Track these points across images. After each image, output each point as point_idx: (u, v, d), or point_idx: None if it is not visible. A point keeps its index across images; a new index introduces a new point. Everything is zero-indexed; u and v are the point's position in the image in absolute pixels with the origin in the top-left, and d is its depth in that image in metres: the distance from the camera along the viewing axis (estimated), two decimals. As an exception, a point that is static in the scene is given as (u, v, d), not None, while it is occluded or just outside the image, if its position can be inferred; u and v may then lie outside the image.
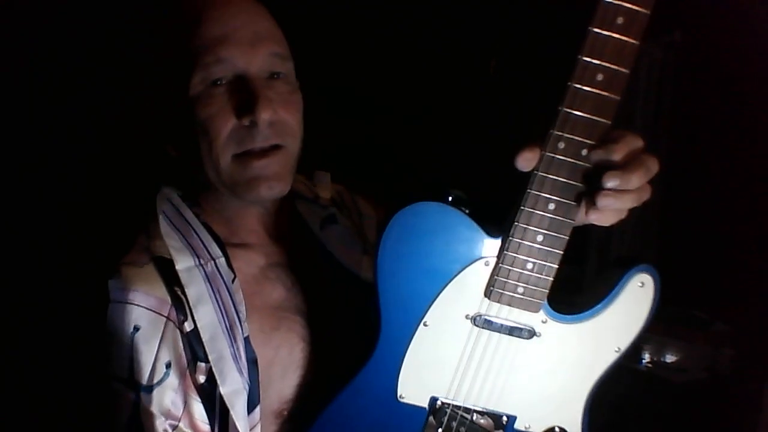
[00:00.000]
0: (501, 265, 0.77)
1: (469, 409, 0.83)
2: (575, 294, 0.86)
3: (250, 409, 0.83)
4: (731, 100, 1.78)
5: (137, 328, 0.81)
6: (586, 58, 0.68)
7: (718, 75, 1.74)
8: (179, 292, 0.83)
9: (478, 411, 0.83)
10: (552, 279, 0.77)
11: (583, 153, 0.71)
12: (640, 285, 0.80)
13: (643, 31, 0.68)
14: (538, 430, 0.84)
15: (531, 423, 0.84)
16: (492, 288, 0.78)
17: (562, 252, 0.76)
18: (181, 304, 0.82)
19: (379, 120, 1.51)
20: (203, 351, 0.82)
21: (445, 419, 0.83)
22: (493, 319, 0.79)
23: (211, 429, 0.82)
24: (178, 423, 0.80)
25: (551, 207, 0.73)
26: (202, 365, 0.82)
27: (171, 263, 0.84)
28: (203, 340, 0.82)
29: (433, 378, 0.82)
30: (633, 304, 0.80)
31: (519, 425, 0.84)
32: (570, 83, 0.69)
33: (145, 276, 0.83)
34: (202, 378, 0.82)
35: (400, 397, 0.82)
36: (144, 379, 0.80)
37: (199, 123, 0.84)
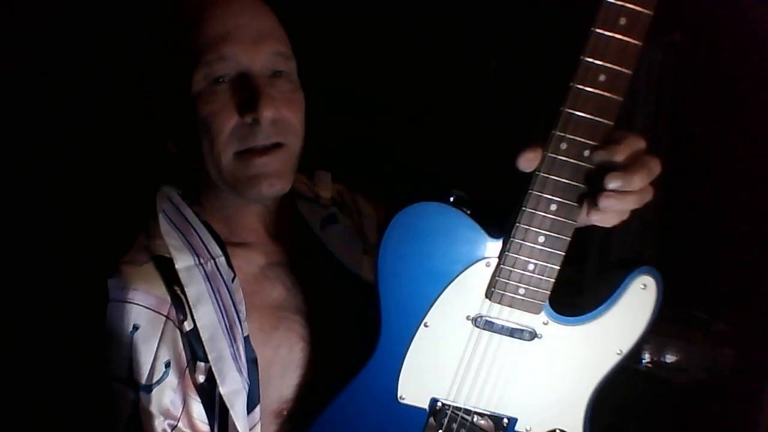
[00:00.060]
0: (502, 266, 0.77)
1: (469, 410, 0.83)
2: (575, 294, 0.86)
3: (250, 409, 0.83)
4: (731, 100, 1.78)
5: (136, 327, 0.81)
6: (589, 59, 0.68)
7: (718, 75, 1.75)
8: (179, 292, 0.83)
9: (479, 413, 0.83)
10: (553, 280, 0.77)
11: (585, 154, 0.72)
12: (643, 287, 0.80)
13: (646, 32, 0.68)
14: (538, 432, 0.84)
15: (532, 425, 0.84)
16: (493, 289, 0.78)
17: (563, 253, 0.76)
18: (180, 304, 0.83)
19: (379, 120, 1.52)
20: (203, 350, 0.82)
21: (445, 421, 0.83)
22: (494, 321, 0.80)
23: (211, 429, 0.83)
24: (177, 423, 0.81)
25: (553, 208, 0.74)
26: (202, 365, 0.82)
27: (171, 262, 0.85)
28: (203, 339, 0.82)
29: (434, 379, 0.82)
30: (635, 306, 0.80)
31: (520, 427, 0.84)
32: (572, 84, 0.69)
33: (145, 275, 0.83)
34: (201, 378, 0.82)
35: (401, 398, 0.82)
36: (143, 379, 0.80)
37: (201, 120, 0.84)
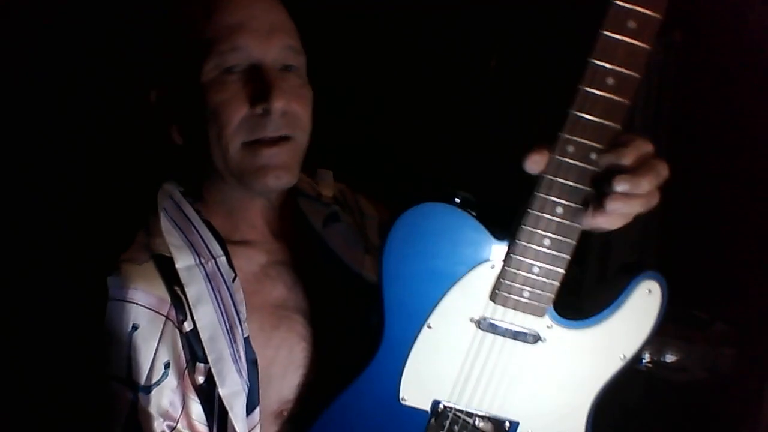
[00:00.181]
0: (507, 268, 0.77)
1: (471, 413, 0.84)
2: (575, 294, 0.87)
3: (249, 411, 0.84)
4: (731, 100, 1.80)
5: (136, 327, 0.81)
6: (597, 61, 0.69)
7: (718, 75, 1.76)
8: (179, 291, 0.84)
9: (481, 416, 0.84)
10: (558, 283, 0.78)
11: (592, 157, 0.72)
12: (648, 292, 0.81)
13: (655, 36, 0.69)
14: (540, 437, 0.85)
15: (534, 429, 0.85)
16: (497, 291, 0.79)
17: (569, 256, 0.77)
18: (180, 304, 0.83)
19: (379, 119, 1.52)
20: (202, 351, 0.83)
21: (446, 423, 0.84)
22: (498, 323, 0.80)
23: (209, 430, 0.83)
24: (176, 424, 0.81)
25: (559, 210, 0.74)
26: (201, 366, 0.83)
27: (171, 261, 0.85)
28: (203, 340, 0.83)
29: (436, 381, 0.83)
30: (640, 311, 0.81)
31: (522, 431, 0.85)
32: (580, 86, 0.70)
33: (145, 274, 0.84)
34: (201, 379, 0.83)
35: (402, 399, 0.83)
36: (142, 379, 0.81)
37: (210, 109, 0.85)
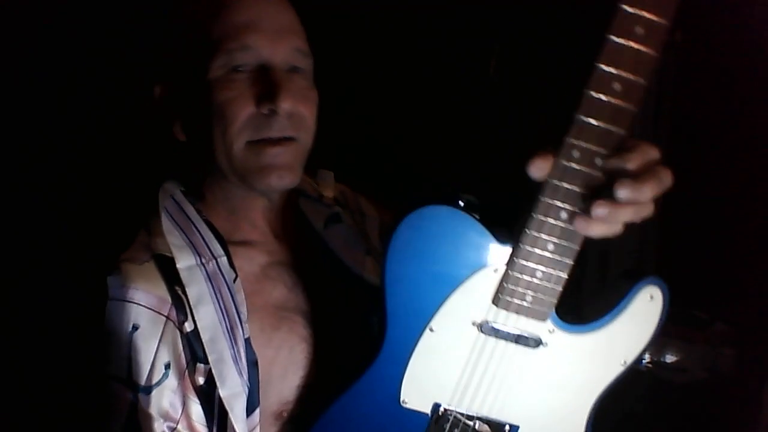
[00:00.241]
0: (510, 272, 0.78)
1: (471, 416, 0.85)
2: (576, 296, 0.88)
3: (250, 412, 0.84)
4: (731, 100, 1.80)
5: (136, 327, 0.82)
6: (604, 67, 0.69)
7: (718, 75, 1.77)
8: (180, 292, 0.84)
9: (481, 419, 0.85)
10: (561, 288, 0.79)
11: (597, 162, 0.73)
12: (650, 298, 0.82)
13: (663, 42, 0.70)
14: (540, 440, 0.86)
15: (534, 433, 0.86)
16: (500, 295, 0.79)
17: (572, 261, 0.77)
18: (181, 304, 0.84)
19: (380, 120, 1.53)
20: (203, 352, 0.83)
21: (447, 426, 0.85)
22: (500, 327, 0.81)
23: (209, 431, 0.84)
24: (177, 425, 0.82)
25: (563, 216, 0.75)
26: (202, 366, 0.83)
27: (172, 261, 0.86)
28: (203, 341, 0.83)
29: (437, 384, 0.84)
30: (641, 317, 0.82)
31: (521, 435, 0.86)
32: (587, 91, 0.70)
33: (146, 274, 0.84)
34: (201, 379, 0.83)
35: (403, 402, 0.84)
36: (142, 380, 0.81)
37: (216, 106, 0.86)
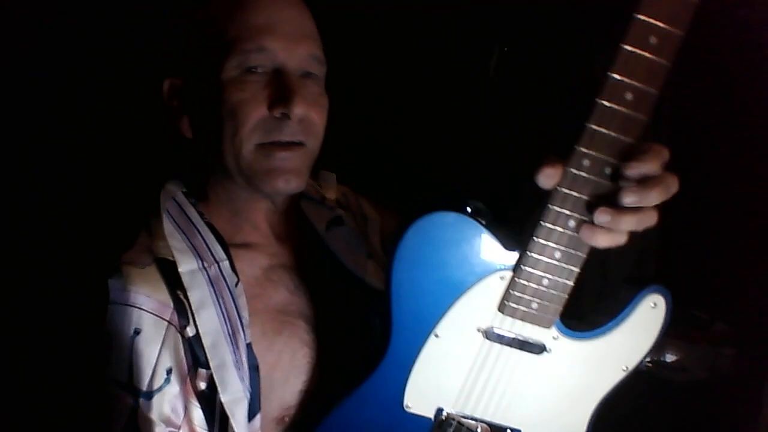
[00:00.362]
0: (517, 279, 0.79)
1: (474, 421, 0.86)
2: (577, 298, 0.89)
3: (251, 417, 0.85)
4: (731, 100, 1.82)
5: (138, 332, 0.82)
6: (617, 76, 0.70)
7: (718, 75, 1.78)
8: (181, 296, 0.85)
9: (483, 423, 0.87)
10: (567, 296, 0.80)
11: (606, 171, 0.74)
12: (653, 306, 0.83)
13: (676, 52, 0.71)
14: (541, 445, 0.88)
15: (535, 438, 0.87)
16: (506, 302, 0.81)
17: (578, 269, 0.79)
18: (183, 309, 0.84)
19: (379, 120, 1.53)
20: (204, 357, 0.84)
21: (450, 430, 0.86)
22: (505, 333, 0.82)
23: None
24: (178, 430, 0.83)
25: (571, 224, 0.76)
26: (203, 371, 0.84)
27: (174, 265, 0.86)
28: (205, 346, 0.84)
29: (441, 389, 0.85)
30: (644, 324, 0.84)
31: (523, 440, 0.87)
32: (599, 100, 0.71)
33: (147, 278, 0.85)
34: (202, 384, 0.84)
35: (406, 406, 0.85)
36: (144, 385, 0.82)
37: (228, 106, 0.87)
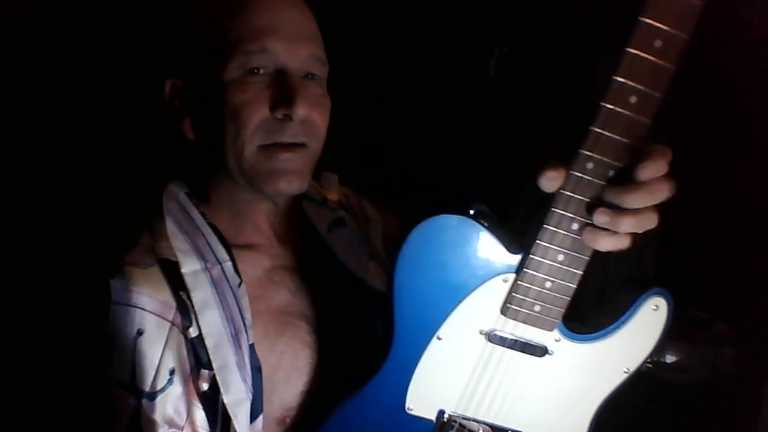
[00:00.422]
0: (520, 282, 0.80)
1: (475, 423, 0.87)
2: (577, 299, 0.90)
3: (253, 418, 0.86)
4: (731, 100, 1.82)
5: (141, 332, 0.83)
6: (621, 79, 0.71)
7: (718, 75, 1.79)
8: (184, 297, 0.85)
9: (485, 425, 0.87)
10: (569, 298, 0.81)
11: (610, 174, 0.75)
12: (654, 308, 0.84)
13: (680, 55, 0.71)
14: (543, 446, 0.88)
15: (536, 439, 0.88)
16: (509, 305, 0.81)
17: (581, 272, 0.79)
18: (186, 309, 0.85)
19: (378, 120, 1.54)
20: (207, 358, 0.84)
21: (451, 433, 0.88)
22: (507, 336, 0.83)
23: None
24: (181, 431, 0.83)
25: (575, 227, 0.77)
26: (206, 372, 0.84)
27: (176, 266, 0.87)
28: (207, 347, 0.84)
29: (443, 391, 0.86)
30: (645, 327, 0.85)
31: (525, 441, 0.88)
32: (603, 103, 0.72)
33: (150, 278, 0.85)
34: (205, 385, 0.84)
35: (408, 408, 0.86)
36: (147, 386, 0.82)
37: (230, 108, 0.87)
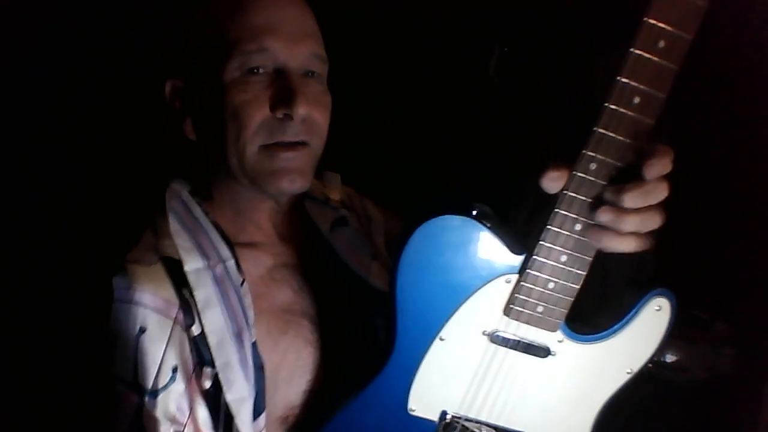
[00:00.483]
0: (523, 283, 0.80)
1: (478, 424, 0.87)
2: (577, 298, 0.90)
3: (255, 416, 0.86)
4: (731, 100, 1.83)
5: (143, 330, 0.83)
6: (625, 80, 0.71)
7: (718, 75, 1.79)
8: (187, 295, 0.85)
9: (488, 426, 0.88)
10: (572, 299, 0.81)
11: (613, 174, 0.75)
12: (657, 309, 0.84)
13: (684, 56, 0.72)
14: (546, 448, 0.89)
15: (539, 440, 0.88)
16: (512, 306, 0.81)
17: (584, 273, 0.79)
18: (188, 307, 0.85)
19: (378, 121, 1.54)
20: (210, 356, 0.84)
21: (454, 433, 0.88)
22: (510, 337, 0.83)
23: None
24: (183, 429, 0.83)
25: (578, 228, 0.77)
26: (208, 370, 0.85)
27: (179, 264, 0.87)
28: (210, 345, 0.85)
29: (445, 392, 0.86)
30: (649, 327, 0.85)
31: (528, 442, 0.88)
32: (606, 104, 0.72)
33: (153, 276, 0.85)
34: (207, 383, 0.84)
35: (411, 410, 0.86)
36: (149, 384, 0.82)
37: (230, 108, 0.87)
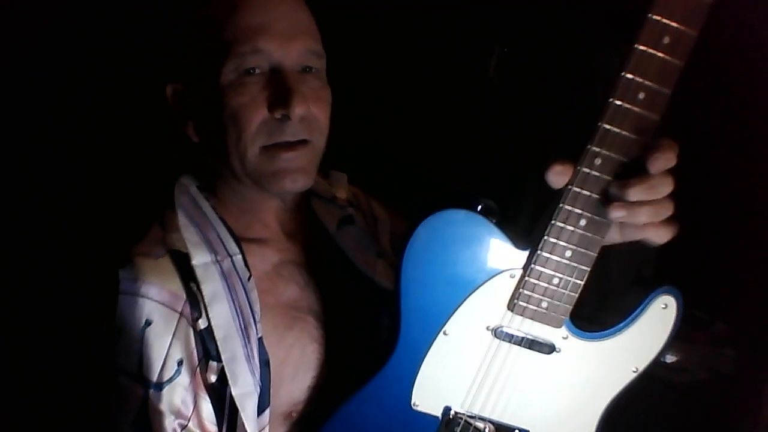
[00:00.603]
0: (527, 278, 0.81)
1: (481, 420, 0.88)
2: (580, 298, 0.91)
3: (260, 411, 0.87)
4: (731, 100, 1.84)
5: (149, 323, 0.84)
6: (630, 76, 0.72)
7: (718, 75, 1.80)
8: (194, 288, 0.86)
9: (491, 423, 0.88)
10: (577, 295, 0.82)
11: (618, 169, 0.76)
12: (663, 307, 0.84)
13: (689, 52, 0.72)
14: (549, 445, 0.89)
15: (543, 438, 0.88)
16: (516, 301, 0.82)
17: (589, 269, 0.80)
18: (195, 301, 0.85)
19: (378, 120, 1.55)
20: (216, 350, 0.85)
21: (457, 429, 0.88)
22: (514, 332, 0.84)
23: (219, 430, 0.86)
24: (188, 423, 0.84)
25: (582, 223, 0.78)
26: (214, 364, 0.85)
27: (187, 257, 0.87)
28: (217, 339, 0.85)
29: (449, 387, 0.87)
30: (655, 325, 0.85)
31: (531, 439, 0.89)
32: (611, 100, 0.73)
33: (160, 269, 0.86)
34: (213, 377, 0.85)
35: (414, 405, 0.87)
36: (154, 376, 0.83)
37: (229, 111, 0.87)
